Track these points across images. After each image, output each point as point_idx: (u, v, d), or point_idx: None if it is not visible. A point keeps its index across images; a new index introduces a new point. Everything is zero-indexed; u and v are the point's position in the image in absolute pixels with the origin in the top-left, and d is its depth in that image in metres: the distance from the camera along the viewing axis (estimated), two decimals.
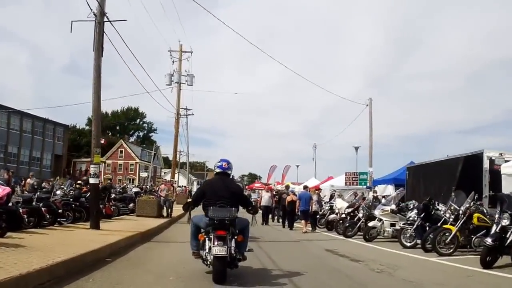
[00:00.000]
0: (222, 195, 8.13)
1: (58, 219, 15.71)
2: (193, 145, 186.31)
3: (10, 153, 62.83)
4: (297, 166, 69.35)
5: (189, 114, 67.21)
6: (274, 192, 32.89)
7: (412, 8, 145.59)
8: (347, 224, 19.47)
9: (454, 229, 13.13)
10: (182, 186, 68.66)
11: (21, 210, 12.70)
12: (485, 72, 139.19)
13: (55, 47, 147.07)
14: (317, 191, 26.53)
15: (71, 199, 17.54)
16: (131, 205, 25.32)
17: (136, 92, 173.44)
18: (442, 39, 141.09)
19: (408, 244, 15.40)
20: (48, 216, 14.77)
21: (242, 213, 8.60)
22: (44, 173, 59.29)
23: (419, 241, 14.73)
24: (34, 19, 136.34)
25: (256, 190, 64.12)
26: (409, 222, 16.22)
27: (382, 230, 17.51)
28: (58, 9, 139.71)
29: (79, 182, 21.20)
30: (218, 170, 8.62)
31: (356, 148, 42.44)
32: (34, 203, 14.37)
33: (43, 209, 14.40)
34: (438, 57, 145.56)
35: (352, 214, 20.63)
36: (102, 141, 71.04)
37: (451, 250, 13.07)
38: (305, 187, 26.37)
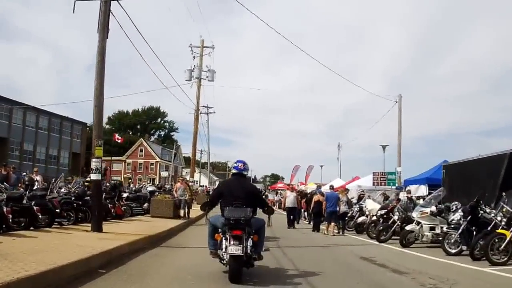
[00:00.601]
0: (238, 195, 8.24)
1: (58, 220, 14.12)
2: (214, 145, 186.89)
3: (26, 151, 61.89)
4: (321, 166, 67.49)
5: (210, 112, 66.39)
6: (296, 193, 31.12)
7: (435, 11, 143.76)
8: (381, 228, 17.62)
9: (509, 235, 11.54)
10: (203, 185, 67.35)
11: (5, 209, 11.12)
12: (507, 75, 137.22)
13: (78, 48, 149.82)
14: (345, 191, 24.62)
15: (73, 198, 15.88)
16: (145, 205, 23.59)
17: (156, 92, 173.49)
18: (465, 43, 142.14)
19: (453, 251, 13.59)
20: (42, 216, 13.10)
21: (259, 213, 8.76)
22: (61, 172, 57.56)
23: (464, 247, 13.17)
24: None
25: (278, 191, 62.92)
26: (453, 226, 14.31)
27: (420, 234, 15.70)
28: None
29: (87, 179, 19.53)
30: (234, 171, 8.82)
31: (384, 147, 40.37)
32: (24, 201, 12.56)
33: (35, 208, 12.69)
34: (460, 60, 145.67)
35: (385, 216, 18.77)
36: (119, 140, 71.26)
37: (506, 259, 11.51)
38: (332, 187, 24.61)
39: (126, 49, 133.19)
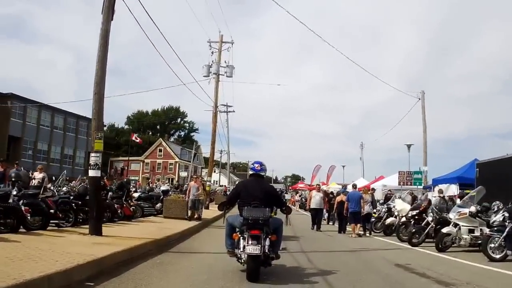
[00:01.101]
0: (256, 195, 8.34)
1: (54, 222, 12.89)
2: (234, 145, 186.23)
3: (40, 150, 60.88)
4: (343, 166, 66.18)
5: (229, 111, 65.22)
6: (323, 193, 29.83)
7: (450, 12, 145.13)
8: (414, 230, 16.04)
9: None
10: (223, 185, 65.99)
11: None
12: None
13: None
14: (370, 191, 23.10)
15: (72, 197, 14.59)
16: (158, 205, 22.29)
17: (176, 93, 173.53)
18: (480, 43, 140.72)
19: (497, 256, 12.08)
20: (33, 217, 11.83)
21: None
22: (77, 171, 56.84)
23: (510, 252, 11.91)
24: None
25: (299, 191, 61.59)
26: (496, 228, 12.77)
27: (458, 237, 14.15)
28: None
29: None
30: (251, 172, 9.04)
31: (409, 146, 38.74)
32: (11, 200, 11.17)
33: (24, 208, 11.35)
34: (475, 60, 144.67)
35: (417, 217, 17.22)
36: (138, 140, 70.27)
37: None
38: (355, 186, 22.97)
39: (147, 51, 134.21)
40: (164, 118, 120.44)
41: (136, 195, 22.93)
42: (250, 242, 7.56)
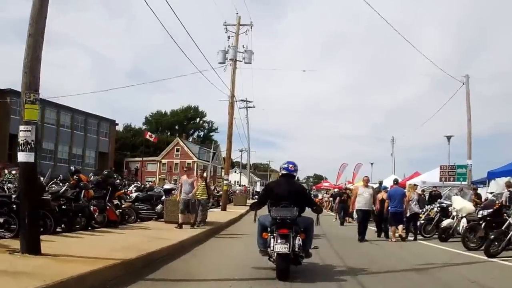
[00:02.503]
0: (285, 195, 8.37)
1: None
2: (254, 146, 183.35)
3: (45, 150, 57.29)
4: (372, 163, 62.15)
5: (249, 107, 61.73)
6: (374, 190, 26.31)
7: (477, 11, 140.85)
8: (493, 236, 11.87)
9: None
10: (242, 185, 62.61)
11: None
12: None
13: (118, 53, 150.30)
14: (414, 187, 19.06)
15: (15, 197, 10.60)
16: (158, 207, 18.27)
17: (196, 93, 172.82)
18: (506, 42, 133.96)
19: None
20: None
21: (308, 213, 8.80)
22: (87, 172, 53.33)
23: None
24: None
25: (324, 190, 58.16)
26: None
27: None
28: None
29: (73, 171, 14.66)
30: (284, 172, 8.89)
31: (449, 138, 34.54)
32: None
33: None
34: (502, 59, 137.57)
35: (489, 219, 13.18)
36: (152, 138, 66.93)
37: None
38: (396, 182, 18.74)
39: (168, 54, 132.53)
40: (182, 118, 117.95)
41: (133, 195, 19.17)
42: (279, 241, 7.68)
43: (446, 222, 15.83)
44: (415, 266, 10.19)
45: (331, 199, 40.21)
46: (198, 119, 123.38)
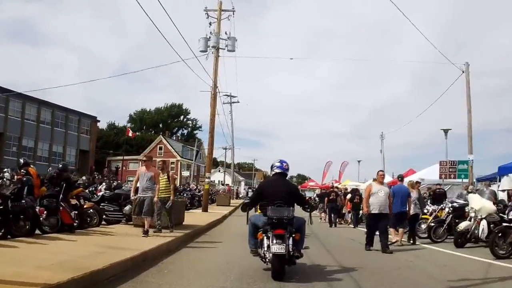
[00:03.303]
0: (280, 195, 8.28)
1: None
2: (238, 145, 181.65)
3: (25, 147, 54.54)
4: (359, 161, 61.70)
5: (233, 102, 59.71)
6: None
7: (461, 7, 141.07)
8: None
9: None
10: (226, 184, 60.23)
11: None
12: None
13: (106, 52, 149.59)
14: (416, 185, 16.86)
15: None
16: (127, 208, 15.48)
17: (180, 91, 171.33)
18: (490, 38, 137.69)
19: None
20: None
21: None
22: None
23: None
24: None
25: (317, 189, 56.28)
26: None
27: None
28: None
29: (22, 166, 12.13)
30: (277, 170, 8.79)
31: (446, 131, 32.54)
32: None
33: None
34: (486, 55, 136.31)
35: None
36: (130, 134, 64.37)
37: None
38: (401, 178, 16.37)
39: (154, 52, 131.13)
40: (166, 116, 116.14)
41: (100, 193, 16.63)
42: (275, 241, 7.60)
43: (463, 225, 13.48)
44: (452, 284, 7.97)
45: (317, 198, 38.38)
46: (182, 117, 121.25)
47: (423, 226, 16.09)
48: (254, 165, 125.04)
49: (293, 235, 7.85)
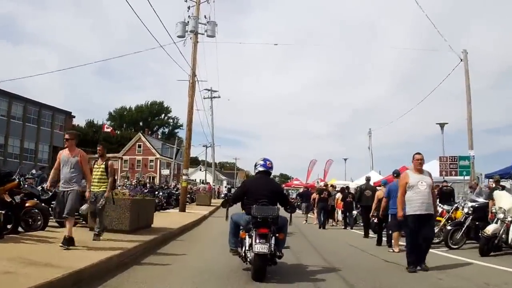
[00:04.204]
0: (264, 193, 8.09)
1: None
2: (219, 143, 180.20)
3: None
4: (345, 159, 59.66)
5: (214, 97, 57.37)
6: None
7: (441, 9, 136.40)
8: None
9: None
10: (207, 183, 57.65)
11: None
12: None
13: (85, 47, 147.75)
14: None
15: None
16: (84, 207, 12.35)
17: (161, 89, 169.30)
18: (473, 40, 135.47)
19: None
20: None
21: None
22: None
23: None
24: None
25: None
26: None
27: None
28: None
29: None
30: (261, 168, 8.61)
31: (442, 125, 30.12)
32: None
33: None
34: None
35: None
36: (109, 130, 61.63)
37: None
38: (397, 174, 13.91)
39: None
40: (147, 114, 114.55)
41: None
42: (258, 240, 7.34)
43: (491, 228, 11.01)
44: None
45: (298, 198, 36.63)
46: (163, 115, 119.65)
47: (457, 235, 13.20)
48: (236, 164, 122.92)
49: (277, 235, 7.71)
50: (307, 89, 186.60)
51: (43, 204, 12.51)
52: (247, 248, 7.64)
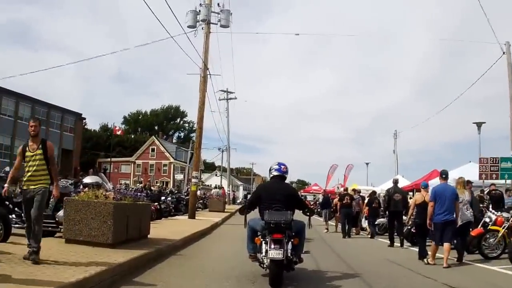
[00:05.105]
0: (277, 198, 8.00)
1: None
2: (237, 151, 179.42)
3: (1, 145, 50.06)
4: (367, 163, 57.42)
5: (230, 98, 55.26)
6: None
7: (460, 16, 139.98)
8: None
9: None
10: (221, 187, 55.49)
11: None
12: None
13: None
14: (468, 185, 12.98)
15: None
16: (60, 213, 10.47)
17: (178, 95, 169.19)
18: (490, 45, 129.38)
19: None
20: None
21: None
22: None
23: None
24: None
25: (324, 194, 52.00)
26: None
27: None
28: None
29: None
30: (276, 173, 8.50)
31: (479, 125, 27.82)
32: None
33: None
34: (485, 62, 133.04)
35: None
36: (119, 132, 59.66)
37: None
38: (444, 176, 11.46)
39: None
40: (162, 118, 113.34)
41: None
42: (272, 246, 7.25)
43: None
44: None
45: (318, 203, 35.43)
46: (178, 119, 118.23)
47: (491, 240, 11.61)
48: (253, 169, 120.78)
49: (292, 240, 7.61)
50: (326, 94, 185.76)
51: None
52: (263, 254, 7.54)
